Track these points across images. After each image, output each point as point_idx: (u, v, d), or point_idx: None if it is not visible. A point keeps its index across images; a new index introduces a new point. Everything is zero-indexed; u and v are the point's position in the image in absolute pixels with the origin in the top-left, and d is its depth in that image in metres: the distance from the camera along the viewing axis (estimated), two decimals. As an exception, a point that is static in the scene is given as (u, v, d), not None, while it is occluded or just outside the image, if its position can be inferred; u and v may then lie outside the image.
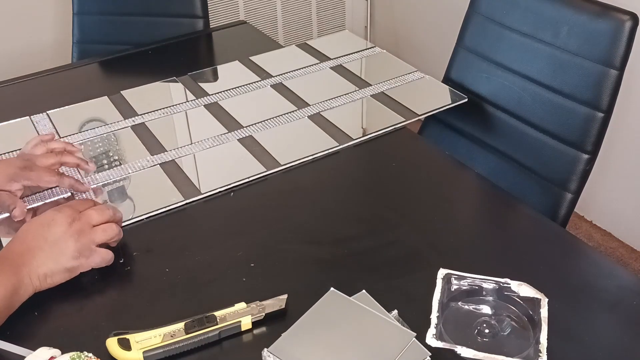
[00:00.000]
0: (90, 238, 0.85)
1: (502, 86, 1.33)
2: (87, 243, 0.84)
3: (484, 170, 1.20)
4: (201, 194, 1.04)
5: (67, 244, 0.82)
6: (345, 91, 1.32)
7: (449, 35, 1.57)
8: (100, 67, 1.53)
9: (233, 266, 0.90)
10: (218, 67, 1.49)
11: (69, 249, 0.82)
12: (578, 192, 1.20)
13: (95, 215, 0.86)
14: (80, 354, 0.70)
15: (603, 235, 2.11)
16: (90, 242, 0.84)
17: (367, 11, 2.84)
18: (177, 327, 0.77)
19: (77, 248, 0.83)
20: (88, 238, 0.84)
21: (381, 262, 0.90)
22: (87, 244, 0.84)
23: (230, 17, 2.52)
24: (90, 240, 0.84)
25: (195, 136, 1.19)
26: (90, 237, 0.85)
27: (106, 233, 0.86)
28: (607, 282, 0.87)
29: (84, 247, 0.84)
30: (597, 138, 1.18)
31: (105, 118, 1.25)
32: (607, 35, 1.16)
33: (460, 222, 1.01)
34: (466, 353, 0.75)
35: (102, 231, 0.86)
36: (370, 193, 1.07)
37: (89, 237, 0.84)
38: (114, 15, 1.77)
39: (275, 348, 0.74)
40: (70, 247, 0.83)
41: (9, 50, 2.15)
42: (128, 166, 1.11)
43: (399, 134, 1.20)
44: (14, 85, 1.42)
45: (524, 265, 0.89)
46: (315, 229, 0.97)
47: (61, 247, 0.82)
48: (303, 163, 1.11)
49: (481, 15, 1.37)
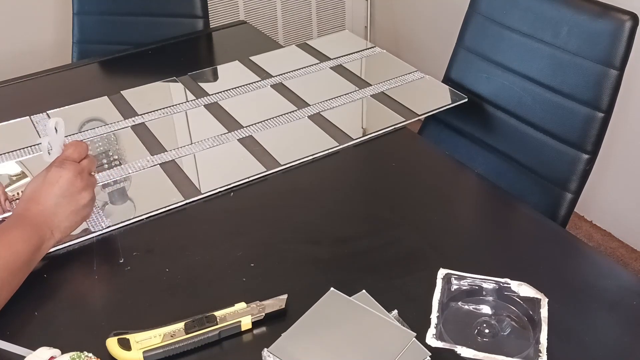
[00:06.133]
0: (94, 183, 0.94)
1: (502, 86, 1.33)
2: (87, 178, 0.92)
3: (484, 170, 1.20)
4: (201, 194, 1.04)
5: (81, 195, 0.90)
6: (345, 91, 1.32)
7: (449, 35, 1.57)
8: (100, 67, 1.53)
9: (233, 266, 0.90)
10: (218, 67, 1.49)
11: (84, 199, 0.90)
12: (578, 192, 1.20)
13: (71, 150, 0.92)
14: (80, 354, 0.70)
15: (603, 235, 2.11)
16: (88, 175, 0.93)
17: (367, 11, 2.84)
18: (177, 327, 0.77)
19: (91, 197, 0.92)
20: (94, 184, 0.94)
21: (381, 262, 0.90)
22: (88, 178, 0.92)
23: (230, 17, 2.52)
24: (87, 172, 0.92)
25: (195, 136, 1.19)
26: (94, 182, 0.94)
27: (89, 160, 0.94)
28: (607, 282, 0.87)
29: (87, 181, 0.92)
30: (597, 138, 1.18)
31: (105, 118, 1.25)
32: (607, 35, 1.16)
33: (460, 222, 1.01)
34: (466, 353, 0.75)
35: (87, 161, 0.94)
36: (370, 193, 1.07)
37: (94, 183, 0.94)
38: (114, 15, 1.77)
39: (275, 348, 0.74)
40: (85, 197, 0.90)
41: (9, 50, 2.15)
42: (128, 166, 1.11)
43: (399, 134, 1.20)
44: (14, 85, 1.42)
45: (524, 265, 0.89)
46: (315, 229, 0.97)
47: (78, 200, 0.90)
48: (303, 163, 1.11)
49: (481, 15, 1.37)
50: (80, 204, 0.90)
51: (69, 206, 0.88)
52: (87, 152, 0.94)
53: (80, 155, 0.92)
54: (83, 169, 0.91)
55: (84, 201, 0.90)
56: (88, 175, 0.92)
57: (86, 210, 0.92)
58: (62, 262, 0.91)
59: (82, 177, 0.90)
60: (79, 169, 0.90)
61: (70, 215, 0.89)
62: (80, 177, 0.90)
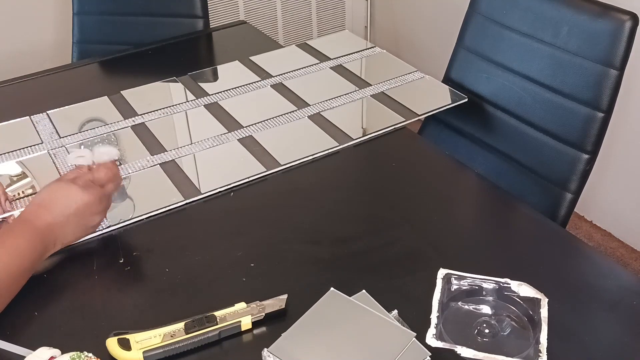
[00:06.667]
0: (109, 206, 0.94)
1: (502, 86, 1.33)
2: (107, 201, 0.92)
3: (484, 170, 1.20)
4: (201, 194, 1.04)
5: (94, 218, 0.90)
6: (345, 91, 1.32)
7: (449, 35, 1.57)
8: (100, 67, 1.53)
9: (233, 266, 0.90)
10: (218, 67, 1.49)
11: (95, 221, 0.91)
12: (578, 192, 1.20)
13: (103, 174, 0.92)
14: (80, 354, 0.70)
15: (603, 235, 2.11)
16: (108, 199, 0.93)
17: (367, 11, 2.84)
18: (177, 327, 0.77)
19: (101, 218, 0.92)
20: (108, 208, 0.93)
21: (381, 262, 0.90)
22: (107, 202, 0.92)
23: (230, 17, 2.52)
24: (108, 197, 0.92)
25: (195, 136, 1.19)
26: (109, 205, 0.93)
27: (115, 184, 0.94)
28: (607, 282, 0.87)
29: (105, 206, 0.92)
30: (597, 138, 1.18)
31: (105, 118, 1.25)
32: (607, 35, 1.16)
33: (460, 222, 1.01)
34: (466, 353, 0.75)
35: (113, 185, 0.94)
36: (370, 193, 1.07)
37: (109, 206, 0.94)
38: (114, 15, 1.77)
39: (275, 348, 0.74)
40: (97, 219, 0.91)
41: (9, 50, 2.15)
42: (128, 166, 1.11)
43: (399, 134, 1.20)
44: (14, 85, 1.42)
45: (524, 265, 0.89)
46: (315, 229, 0.97)
47: (88, 222, 0.90)
48: (303, 163, 1.11)
49: (481, 15, 1.37)
50: (90, 225, 0.91)
51: (78, 225, 0.89)
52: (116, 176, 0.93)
53: (109, 180, 0.92)
54: (105, 195, 0.91)
55: (94, 223, 0.91)
56: (107, 199, 0.92)
57: (92, 230, 0.93)
58: (62, 262, 0.91)
59: (101, 203, 0.90)
60: (102, 194, 0.90)
61: (77, 231, 0.90)
62: (99, 203, 0.90)
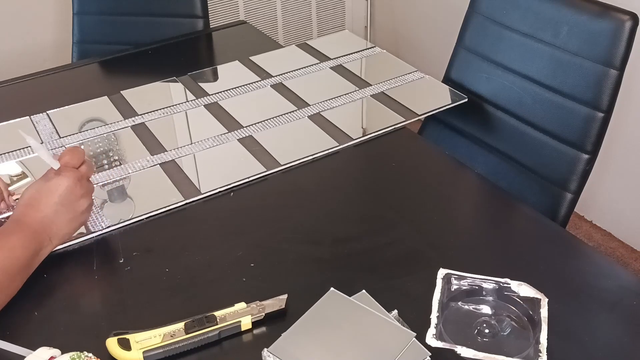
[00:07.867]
0: (92, 189, 0.94)
1: (502, 86, 1.33)
2: (87, 184, 0.93)
3: (484, 170, 1.20)
4: (201, 194, 1.04)
5: (80, 203, 0.90)
6: (345, 91, 1.32)
7: (449, 35, 1.57)
8: (100, 67, 1.53)
9: (233, 266, 0.90)
10: (218, 67, 1.49)
11: (82, 206, 0.91)
12: (578, 192, 1.20)
13: (69, 157, 0.92)
14: (80, 354, 0.70)
15: (603, 235, 2.11)
16: (88, 181, 0.93)
17: (367, 11, 2.84)
18: (177, 327, 0.77)
19: (89, 203, 0.93)
20: (92, 190, 0.94)
21: (381, 262, 0.90)
22: (88, 184, 0.93)
23: (230, 17, 2.52)
24: (86, 178, 0.93)
25: (195, 136, 1.19)
26: (92, 188, 0.94)
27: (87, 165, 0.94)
28: (607, 282, 0.87)
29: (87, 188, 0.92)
30: (597, 138, 1.18)
31: (105, 118, 1.25)
32: (607, 35, 1.16)
33: (460, 222, 1.01)
34: (466, 353, 0.75)
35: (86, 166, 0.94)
36: (370, 193, 1.07)
37: (92, 189, 0.94)
38: (114, 15, 1.77)
39: (275, 348, 0.74)
40: (84, 204, 0.91)
41: (9, 50, 2.15)
42: (128, 166, 1.11)
43: (399, 134, 1.20)
44: (14, 85, 1.42)
45: (524, 265, 0.89)
46: (315, 229, 0.97)
47: (76, 208, 0.90)
48: (303, 163, 1.11)
49: (481, 15, 1.37)
50: (79, 211, 0.90)
51: (67, 214, 0.89)
52: (85, 157, 0.93)
53: (79, 160, 0.92)
54: (82, 176, 0.91)
55: (82, 208, 0.91)
56: (87, 182, 0.92)
57: (84, 217, 0.92)
58: (62, 262, 0.91)
59: (81, 185, 0.90)
60: (79, 176, 0.90)
61: (68, 222, 0.90)
62: (79, 185, 0.90)
